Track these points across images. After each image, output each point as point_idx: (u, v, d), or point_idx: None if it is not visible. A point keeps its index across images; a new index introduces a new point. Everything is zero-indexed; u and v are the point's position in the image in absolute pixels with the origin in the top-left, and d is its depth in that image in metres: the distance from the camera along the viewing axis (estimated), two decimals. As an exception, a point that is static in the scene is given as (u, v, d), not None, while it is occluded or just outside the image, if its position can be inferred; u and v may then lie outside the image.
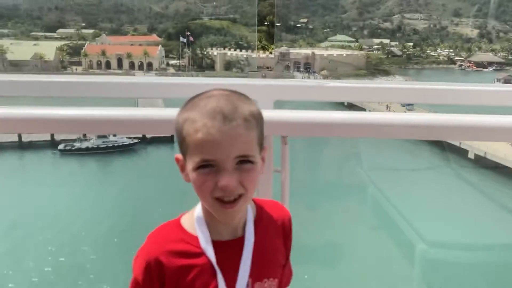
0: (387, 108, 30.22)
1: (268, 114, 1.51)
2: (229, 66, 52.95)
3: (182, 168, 1.13)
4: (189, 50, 54.39)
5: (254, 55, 54.53)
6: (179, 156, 1.13)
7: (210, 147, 1.05)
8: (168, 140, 23.70)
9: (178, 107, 1.18)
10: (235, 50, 54.87)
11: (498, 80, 53.75)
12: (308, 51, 58.40)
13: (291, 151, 1.78)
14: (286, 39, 60.55)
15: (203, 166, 1.06)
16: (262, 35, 59.39)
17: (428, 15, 66.49)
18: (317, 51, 58.38)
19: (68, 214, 17.55)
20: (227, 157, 1.05)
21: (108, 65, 53.69)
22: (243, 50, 54.90)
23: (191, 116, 1.08)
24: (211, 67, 53.43)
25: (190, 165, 1.07)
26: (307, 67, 56.58)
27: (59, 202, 18.68)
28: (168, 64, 54.45)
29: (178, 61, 54.67)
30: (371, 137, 1.79)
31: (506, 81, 52.84)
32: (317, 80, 2.02)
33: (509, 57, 58.50)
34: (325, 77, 57.04)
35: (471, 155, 24.40)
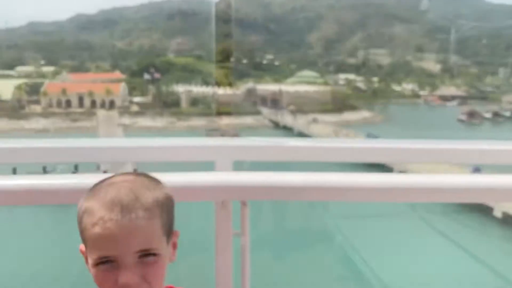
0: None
1: (226, 178, 1.59)
2: (195, 103, 52.10)
3: (86, 261, 1.08)
4: (153, 87, 53.38)
5: (221, 91, 53.98)
6: (83, 247, 1.07)
7: (107, 243, 0.99)
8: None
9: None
10: (201, 86, 54.23)
11: (462, 113, 54.80)
12: (275, 87, 58.31)
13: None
14: (253, 75, 60.40)
15: (102, 262, 1.01)
16: (228, 71, 59.19)
17: (392, 50, 67.85)
18: (284, 87, 58.37)
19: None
20: (127, 253, 0.99)
21: (68, 104, 51.97)
22: (209, 87, 54.30)
23: (89, 207, 1.03)
24: (176, 104, 52.42)
25: (90, 260, 1.03)
26: (274, 103, 56.33)
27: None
28: (131, 102, 53.14)
29: (142, 99, 53.45)
30: (336, 200, 1.70)
31: (470, 115, 53.87)
32: (277, 140, 1.98)
33: (471, 91, 59.81)
34: (292, 112, 56.94)
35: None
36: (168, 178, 1.36)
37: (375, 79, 64.36)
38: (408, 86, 62.79)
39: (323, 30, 77.73)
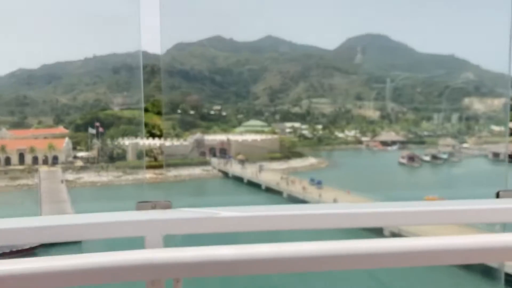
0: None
1: (156, 255, 1.45)
2: (142, 156, 51.44)
3: None
4: (98, 141, 52.31)
5: (168, 143, 53.76)
6: None
7: None
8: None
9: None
10: (147, 139, 53.77)
11: (403, 157, 57.46)
12: (223, 137, 58.96)
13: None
14: (200, 126, 60.78)
15: None
16: (175, 122, 59.37)
17: (334, 99, 70.82)
18: (232, 137, 59.09)
19: None
20: None
21: (8, 161, 49.74)
22: (156, 138, 53.98)
23: None
24: (122, 157, 51.47)
25: None
26: (223, 152, 56.69)
27: None
28: (76, 157, 51.66)
29: (87, 153, 52.15)
30: (276, 272, 1.60)
31: (410, 158, 56.57)
32: (209, 210, 1.88)
33: (410, 136, 62.98)
34: (241, 161, 57.48)
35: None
36: (94, 259, 1.36)
37: (319, 126, 66.94)
38: (350, 133, 65.57)
39: (267, 81, 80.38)
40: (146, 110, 60.30)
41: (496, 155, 55.54)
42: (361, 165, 55.49)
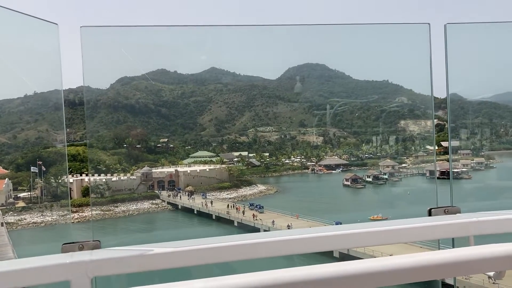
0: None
1: None
2: (87, 192, 50.21)
3: None
4: (41, 180, 50.65)
5: (114, 178, 52.95)
6: None
7: None
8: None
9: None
10: (92, 175, 52.70)
11: (347, 179, 59.72)
12: (171, 169, 58.78)
13: None
14: (147, 159, 60.34)
15: None
16: (122, 157, 58.72)
17: (278, 127, 72.79)
18: (180, 168, 59.04)
19: None
20: None
21: None
22: (102, 174, 53.04)
23: None
24: (67, 195, 50.03)
25: None
26: (171, 184, 56.45)
27: None
28: (17, 198, 49.65)
29: (29, 193, 50.29)
30: None
31: (353, 180, 58.90)
32: (140, 247, 1.78)
33: (352, 159, 65.60)
34: (190, 193, 57.39)
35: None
36: None
37: (266, 154, 68.33)
38: (296, 159, 67.49)
39: (213, 112, 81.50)
40: (90, 146, 59.36)
41: (432, 173, 59.07)
42: (308, 189, 57.09)
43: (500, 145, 62.52)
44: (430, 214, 2.43)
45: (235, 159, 66.47)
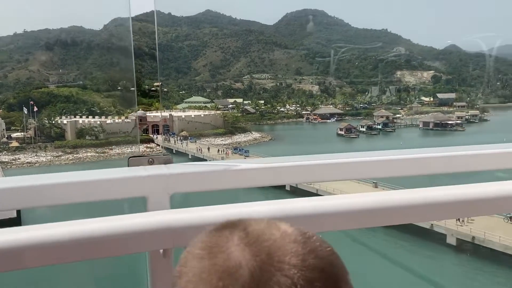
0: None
1: (164, 218, 1.14)
2: (82, 134, 49.91)
3: None
4: (34, 121, 50.11)
5: (109, 120, 52.53)
6: None
7: None
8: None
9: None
10: (87, 117, 52.21)
11: (341, 129, 59.89)
12: (165, 113, 58.31)
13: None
14: (142, 103, 59.76)
15: None
16: (116, 100, 57.96)
17: (274, 74, 71.99)
18: (175, 113, 58.65)
19: None
20: None
21: None
22: (96, 117, 52.56)
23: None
24: (61, 136, 49.74)
25: None
26: (166, 129, 56.28)
27: None
28: (10, 137, 49.24)
29: (22, 133, 49.86)
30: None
31: (347, 130, 59.08)
32: (222, 163, 1.55)
33: (347, 108, 65.57)
34: (184, 137, 57.32)
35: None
36: (84, 227, 1.12)
37: (261, 101, 67.80)
38: (291, 107, 67.19)
39: (208, 57, 79.94)
40: (84, 87, 58.42)
41: (426, 124, 59.45)
42: (302, 137, 57.31)
43: (495, 98, 62.74)
44: None
45: (230, 105, 66.12)
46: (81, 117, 52.44)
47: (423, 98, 65.11)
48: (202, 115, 59.84)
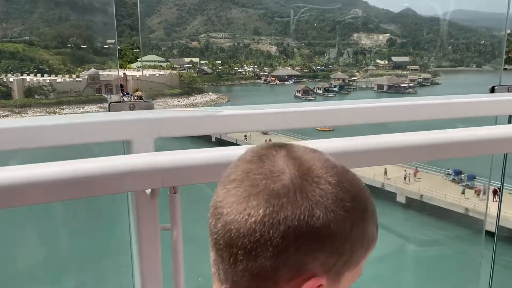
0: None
1: (153, 159, 1.20)
2: (30, 93, 47.66)
3: None
4: (-23, 78, 47.32)
5: (59, 79, 50.29)
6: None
7: None
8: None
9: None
10: (35, 75, 49.70)
11: (298, 91, 60.23)
12: (119, 72, 56.40)
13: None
14: (94, 61, 57.37)
15: None
16: (66, 57, 55.24)
17: (232, 34, 70.70)
18: (129, 72, 56.80)
19: None
20: None
21: None
22: (45, 75, 50.12)
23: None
24: (7, 95, 47.30)
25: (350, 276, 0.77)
26: (120, 89, 54.59)
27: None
28: (-49, 96, 46.42)
29: (-35, 92, 47.08)
30: None
31: (304, 92, 59.49)
32: (206, 109, 1.57)
33: (304, 71, 65.81)
34: (139, 97, 55.83)
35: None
36: (76, 166, 1.14)
37: (218, 62, 66.75)
38: (249, 68, 66.55)
39: (163, 14, 77.19)
40: (31, 43, 55.17)
41: (380, 87, 60.73)
42: (260, 99, 57.25)
43: (446, 62, 64.61)
44: (492, 91, 2.24)
45: (186, 65, 64.76)
46: (28, 75, 49.85)
47: (378, 61, 66.18)
48: (157, 75, 58.37)
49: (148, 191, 1.26)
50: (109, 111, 1.56)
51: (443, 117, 1.97)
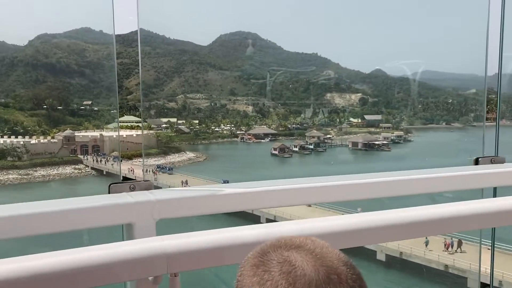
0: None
1: (153, 244, 1.13)
2: (3, 155, 46.72)
3: None
4: None
5: (33, 140, 49.66)
6: None
7: None
8: None
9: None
10: (9, 137, 49.02)
11: (275, 149, 60.89)
12: (95, 133, 56.12)
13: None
14: (70, 122, 57.13)
15: None
16: (41, 119, 54.92)
17: (209, 94, 71.93)
18: (105, 133, 56.58)
19: None
20: None
21: None
22: (19, 137, 49.48)
23: None
24: (-21, 157, 46.27)
25: None
26: (96, 149, 54.08)
27: None
28: None
29: None
30: None
31: (281, 150, 60.16)
32: (209, 187, 1.56)
33: (280, 129, 66.92)
34: (115, 158, 55.32)
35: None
36: (74, 256, 1.06)
37: (196, 121, 67.37)
38: (226, 127, 67.34)
39: (141, 76, 78.38)
40: (6, 105, 54.87)
41: (355, 144, 61.97)
42: (237, 157, 57.54)
43: (417, 120, 66.83)
44: (477, 163, 2.37)
45: (164, 125, 65.04)
46: (2, 136, 49.14)
47: (351, 119, 67.94)
48: (134, 135, 58.12)
49: (151, 278, 1.18)
50: (109, 192, 1.57)
51: (432, 191, 2.05)
